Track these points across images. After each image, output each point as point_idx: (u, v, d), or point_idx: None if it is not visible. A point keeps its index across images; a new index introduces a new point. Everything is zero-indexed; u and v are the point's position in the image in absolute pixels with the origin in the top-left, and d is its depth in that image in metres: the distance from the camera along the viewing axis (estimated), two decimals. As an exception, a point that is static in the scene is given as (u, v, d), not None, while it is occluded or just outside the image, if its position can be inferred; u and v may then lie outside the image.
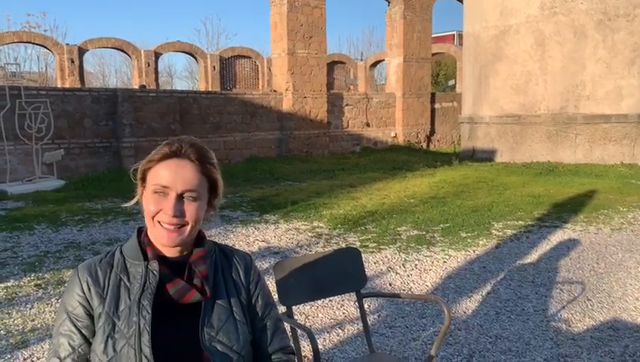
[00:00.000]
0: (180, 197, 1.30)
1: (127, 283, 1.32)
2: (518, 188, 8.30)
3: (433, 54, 18.98)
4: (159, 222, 1.31)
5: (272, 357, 1.47)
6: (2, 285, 4.18)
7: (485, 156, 12.58)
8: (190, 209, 1.31)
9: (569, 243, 5.33)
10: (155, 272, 1.32)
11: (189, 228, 1.32)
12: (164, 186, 1.29)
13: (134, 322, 1.27)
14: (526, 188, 8.30)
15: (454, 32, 34.21)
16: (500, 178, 9.42)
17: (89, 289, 1.31)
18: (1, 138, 9.00)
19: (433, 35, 17.69)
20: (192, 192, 1.31)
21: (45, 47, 18.47)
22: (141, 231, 1.40)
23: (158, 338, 1.27)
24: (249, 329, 1.42)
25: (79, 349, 1.30)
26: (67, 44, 18.12)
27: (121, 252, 1.38)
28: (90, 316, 1.31)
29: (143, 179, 1.35)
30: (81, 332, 1.30)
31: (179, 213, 1.29)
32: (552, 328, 3.39)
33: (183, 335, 1.31)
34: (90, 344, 1.30)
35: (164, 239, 1.31)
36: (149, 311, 1.28)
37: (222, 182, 1.40)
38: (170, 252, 1.36)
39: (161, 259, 1.35)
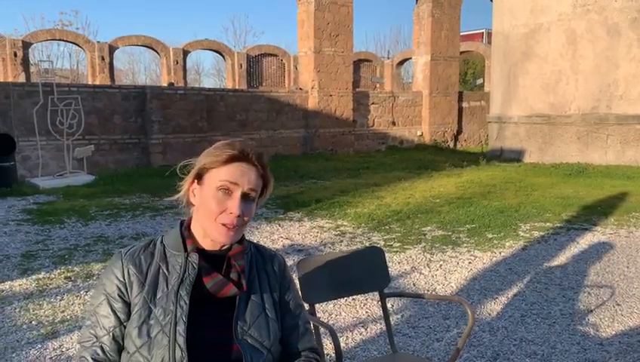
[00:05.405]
0: (243, 197, 1.35)
1: (166, 272, 1.36)
2: (547, 190, 8.16)
3: (461, 52, 18.78)
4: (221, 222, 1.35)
5: (301, 354, 1.49)
6: (34, 277, 4.30)
7: (513, 156, 12.39)
8: (250, 209, 1.37)
9: (598, 246, 5.22)
10: (194, 264, 1.36)
11: (244, 226, 1.38)
12: (232, 183, 1.34)
13: (171, 311, 1.31)
14: (555, 190, 8.15)
15: (483, 30, 33.76)
16: (528, 179, 9.27)
17: (129, 276, 1.35)
18: (34, 133, 9.24)
19: (461, 33, 17.48)
20: (254, 191, 1.37)
21: (77, 45, 18.89)
22: (182, 224, 1.44)
23: (191, 328, 1.31)
24: (279, 326, 1.45)
25: (115, 331, 1.34)
26: (98, 42, 18.48)
27: (161, 242, 1.43)
28: (127, 302, 1.35)
29: (199, 177, 1.39)
30: (116, 315, 1.34)
31: (242, 212, 1.34)
32: (579, 332, 3.33)
33: (216, 328, 1.35)
34: (124, 327, 1.34)
35: (223, 237, 1.36)
36: (187, 302, 1.32)
37: (272, 184, 1.46)
38: (211, 246, 1.40)
39: (200, 252, 1.39)
